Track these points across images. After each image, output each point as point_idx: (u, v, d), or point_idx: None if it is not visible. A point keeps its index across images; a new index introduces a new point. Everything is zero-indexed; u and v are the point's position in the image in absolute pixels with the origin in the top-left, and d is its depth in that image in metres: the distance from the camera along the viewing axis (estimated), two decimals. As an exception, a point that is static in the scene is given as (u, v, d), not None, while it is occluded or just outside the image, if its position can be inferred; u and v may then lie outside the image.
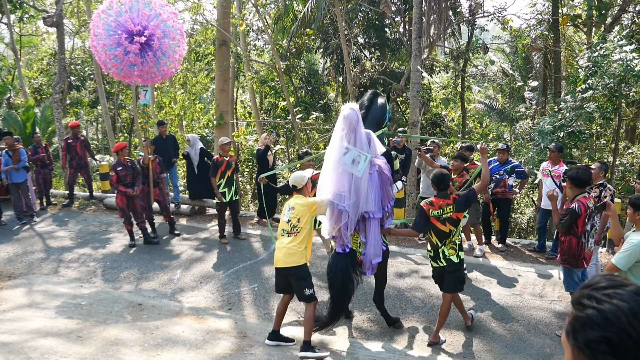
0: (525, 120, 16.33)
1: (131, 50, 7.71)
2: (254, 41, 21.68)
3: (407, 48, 15.84)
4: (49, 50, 26.51)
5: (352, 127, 5.58)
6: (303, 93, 18.83)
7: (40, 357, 5.06)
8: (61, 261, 8.87)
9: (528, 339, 6.16)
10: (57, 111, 15.23)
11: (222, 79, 14.04)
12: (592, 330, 1.18)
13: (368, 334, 6.37)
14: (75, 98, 25.34)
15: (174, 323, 6.39)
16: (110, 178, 9.31)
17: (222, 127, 13.88)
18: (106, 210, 12.19)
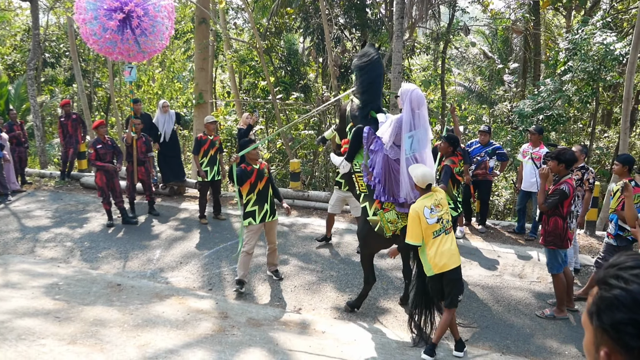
0: (504, 102, 16.43)
1: (109, 27, 7.51)
2: (233, 19, 21.36)
3: (389, 29, 15.77)
4: (23, 26, 25.76)
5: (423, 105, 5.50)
6: (283, 73, 18.64)
7: (17, 338, 4.97)
8: (37, 241, 8.72)
9: (508, 319, 6.24)
10: (31, 88, 14.86)
11: (201, 57, 13.80)
12: (619, 311, 1.15)
13: (350, 315, 6.39)
14: (50, 75, 24.74)
15: (153, 303, 6.33)
16: (89, 155, 9.15)
17: (201, 106, 13.68)
18: (83, 189, 11.99)
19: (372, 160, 5.71)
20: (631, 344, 1.12)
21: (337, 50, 15.22)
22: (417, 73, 19.80)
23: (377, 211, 5.72)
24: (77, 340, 5.06)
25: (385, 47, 17.66)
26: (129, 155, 9.68)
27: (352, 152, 5.97)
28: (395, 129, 5.50)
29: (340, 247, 8.56)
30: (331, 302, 6.70)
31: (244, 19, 21.31)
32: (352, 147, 5.95)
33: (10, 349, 4.73)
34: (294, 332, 5.67)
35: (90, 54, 23.73)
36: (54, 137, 22.49)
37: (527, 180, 8.77)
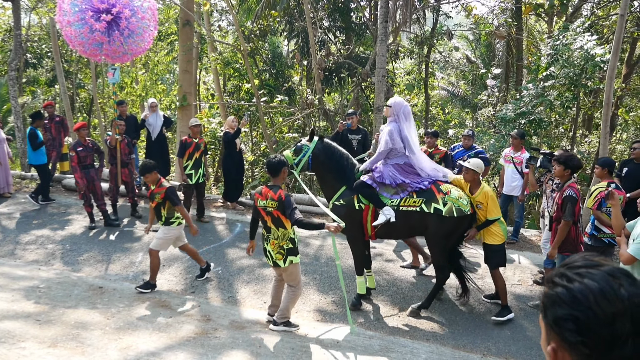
0: (487, 107, 16.60)
1: (97, 28, 7.46)
2: (218, 22, 21.32)
3: (373, 32, 15.85)
4: (4, 26, 25.46)
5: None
6: (267, 76, 18.64)
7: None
8: (18, 243, 8.62)
9: (489, 321, 6.31)
10: (12, 89, 14.69)
11: (186, 59, 13.78)
12: (560, 308, 1.20)
13: (333, 317, 6.42)
14: (32, 76, 24.47)
15: (135, 306, 6.30)
16: (71, 158, 9.07)
17: (185, 108, 13.65)
18: (65, 191, 11.88)
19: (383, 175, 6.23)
20: (570, 339, 1.17)
21: (322, 54, 15.26)
22: (401, 77, 19.92)
23: (445, 199, 6.10)
24: (58, 343, 5.02)
25: (369, 50, 17.75)
26: (112, 157, 9.60)
27: (376, 202, 6.20)
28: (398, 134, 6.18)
29: (323, 249, 8.58)
30: (314, 304, 6.72)
31: (229, 22, 21.29)
32: (373, 200, 6.19)
33: (-11, 352, 4.69)
34: (277, 335, 5.68)
35: (73, 55, 23.52)
36: (36, 139, 22.22)
37: (508, 185, 8.86)
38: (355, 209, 6.26)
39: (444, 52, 20.28)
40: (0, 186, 10.97)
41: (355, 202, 6.25)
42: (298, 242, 8.35)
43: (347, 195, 6.29)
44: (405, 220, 6.18)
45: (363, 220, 6.31)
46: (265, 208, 5.48)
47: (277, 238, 5.53)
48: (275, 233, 5.52)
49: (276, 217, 5.47)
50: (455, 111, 21.40)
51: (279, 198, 5.41)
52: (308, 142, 6.31)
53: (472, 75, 18.45)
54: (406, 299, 6.85)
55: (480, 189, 6.13)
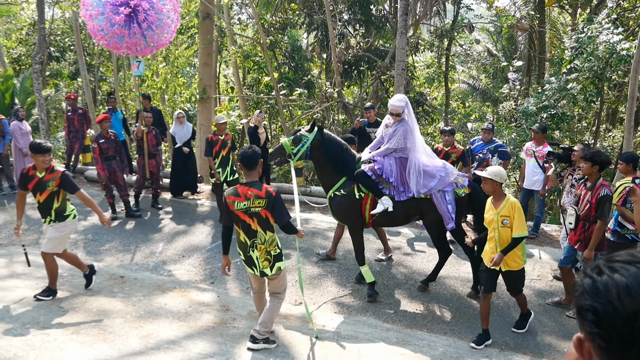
0: (508, 101, 16.43)
1: (116, 22, 7.53)
2: (237, 15, 21.38)
3: (393, 25, 15.77)
4: (28, 19, 25.85)
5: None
6: (286, 69, 18.67)
7: (22, 327, 5.04)
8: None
9: (508, 315, 6.29)
10: (36, 82, 14.91)
11: (206, 52, 13.86)
12: (583, 298, 1.20)
13: (350, 309, 6.45)
14: (55, 69, 24.82)
15: (156, 295, 6.39)
16: (93, 150, 9.20)
17: (205, 101, 13.75)
18: (87, 182, 12.06)
19: (383, 168, 6.32)
20: (589, 330, 1.17)
21: (341, 47, 15.23)
22: (420, 70, 19.77)
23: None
24: (80, 330, 5.12)
25: (389, 43, 17.67)
26: (139, 148, 9.69)
27: (375, 191, 6.30)
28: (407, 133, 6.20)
29: (341, 241, 8.60)
30: (331, 296, 6.75)
31: (248, 15, 21.33)
32: (372, 189, 6.30)
33: (15, 337, 4.80)
34: (295, 325, 5.72)
35: (95, 48, 23.79)
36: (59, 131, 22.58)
37: (529, 179, 8.78)
38: (356, 198, 6.36)
39: (465, 45, 20.10)
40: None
41: (356, 191, 6.36)
42: (316, 235, 8.42)
43: (347, 185, 6.38)
44: (402, 208, 6.35)
45: (362, 208, 6.42)
46: (247, 210, 4.71)
47: (265, 243, 4.83)
48: (262, 237, 4.81)
49: (264, 219, 4.77)
50: (475, 105, 21.20)
51: (268, 195, 4.73)
52: (307, 133, 6.29)
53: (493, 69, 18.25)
54: (424, 293, 6.84)
55: (506, 201, 5.26)
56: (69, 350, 4.64)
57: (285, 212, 4.84)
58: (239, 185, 4.78)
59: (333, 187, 6.44)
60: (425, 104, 17.28)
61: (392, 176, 6.29)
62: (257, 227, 4.78)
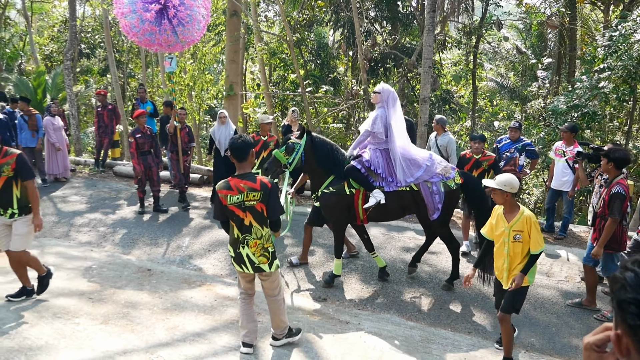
0: (537, 99, 16.20)
1: (146, 18, 7.62)
2: (264, 12, 21.47)
3: (420, 22, 15.68)
4: (60, 17, 26.37)
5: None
6: (312, 66, 18.71)
7: (54, 316, 5.16)
8: (72, 225, 8.98)
9: (534, 317, 6.22)
10: (68, 78, 15.23)
11: (233, 49, 13.94)
12: (625, 291, 1.20)
13: (374, 306, 6.45)
14: (85, 66, 25.28)
15: (182, 289, 6.48)
16: (129, 145, 9.35)
17: (231, 98, 13.83)
18: (116, 177, 12.27)
19: (371, 160, 6.39)
20: (631, 322, 1.17)
21: (368, 44, 15.19)
22: (447, 68, 19.63)
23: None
24: (109, 320, 5.23)
25: (415, 41, 17.56)
26: (172, 145, 9.77)
27: (367, 185, 6.35)
28: (382, 120, 6.30)
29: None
30: (355, 293, 6.76)
31: (275, 12, 21.41)
32: (364, 183, 6.36)
33: (47, 326, 4.92)
34: (318, 322, 5.75)
35: (124, 45, 24.16)
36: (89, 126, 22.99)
37: (559, 179, 8.65)
38: (346, 194, 6.40)
39: (493, 42, 19.87)
40: (59, 171, 11.39)
41: (346, 187, 6.40)
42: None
43: (336, 182, 6.41)
44: (394, 200, 6.40)
45: (355, 204, 6.46)
46: (241, 204, 4.42)
47: (261, 238, 4.56)
48: (258, 232, 4.53)
49: (260, 212, 4.50)
50: (503, 103, 20.95)
51: (264, 187, 4.46)
52: (298, 140, 6.24)
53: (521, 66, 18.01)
54: (449, 291, 6.81)
55: (520, 215, 4.70)
56: (98, 339, 4.74)
57: (278, 206, 4.59)
58: (231, 178, 4.49)
59: (322, 186, 6.48)
60: (452, 102, 17.15)
61: (380, 167, 6.35)
62: (251, 222, 4.49)
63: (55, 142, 11.03)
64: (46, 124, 10.98)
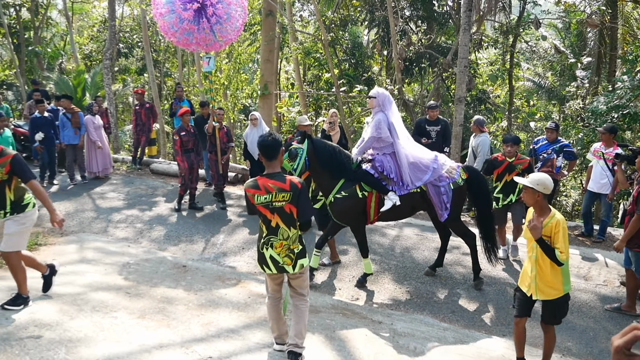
0: (575, 99, 15.85)
1: (185, 17, 7.72)
2: (299, 12, 21.56)
3: (456, 22, 15.51)
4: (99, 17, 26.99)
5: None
6: (347, 66, 18.70)
7: (92, 310, 5.29)
8: (110, 221, 9.19)
9: (571, 321, 6.10)
10: (107, 77, 15.58)
11: (268, 49, 14.04)
12: None
13: (407, 306, 6.42)
14: (123, 65, 25.81)
15: (216, 285, 6.56)
16: (174, 142, 9.52)
17: (266, 97, 13.93)
18: (152, 174, 12.50)
19: (383, 165, 6.42)
20: None
21: (402, 43, 15.11)
22: (483, 67, 19.36)
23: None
24: (146, 315, 5.33)
25: (451, 40, 17.38)
26: (211, 145, 9.87)
27: (381, 189, 6.41)
28: (386, 124, 6.32)
29: (399, 239, 8.57)
30: (389, 293, 6.75)
31: (310, 11, 21.48)
32: (377, 187, 6.40)
33: (85, 319, 5.05)
34: (351, 321, 5.75)
35: (161, 44, 24.57)
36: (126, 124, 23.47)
37: (597, 182, 8.47)
38: (359, 197, 6.40)
39: (531, 41, 19.50)
40: (98, 170, 11.65)
41: (358, 191, 6.40)
42: (373, 232, 8.41)
43: (348, 186, 6.38)
44: (409, 201, 6.48)
45: (367, 207, 6.47)
46: (269, 204, 4.26)
47: (288, 239, 4.36)
48: (284, 234, 4.35)
49: (288, 214, 4.31)
50: (541, 103, 20.56)
51: (293, 187, 4.25)
52: (300, 145, 6.16)
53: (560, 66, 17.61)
54: (483, 293, 6.74)
55: (550, 218, 4.38)
56: (135, 333, 4.85)
57: (309, 207, 4.41)
58: (260, 177, 4.32)
59: (333, 190, 6.44)
60: (487, 102, 16.92)
61: (393, 171, 6.39)
62: (278, 223, 4.30)
63: (96, 140, 11.29)
64: (87, 123, 11.25)
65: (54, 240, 8.14)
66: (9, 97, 25.11)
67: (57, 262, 5.92)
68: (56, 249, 7.69)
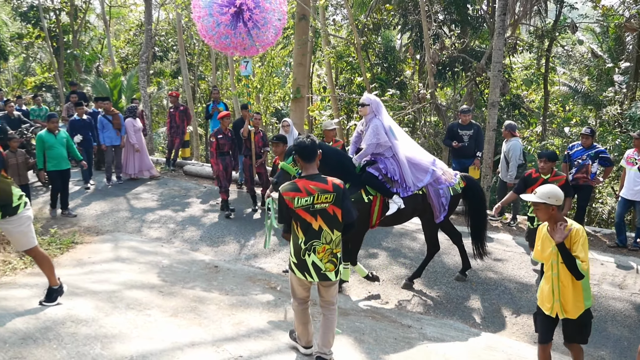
0: (613, 105, 15.50)
1: (222, 22, 7.82)
2: (332, 16, 21.64)
3: (490, 25, 15.35)
4: (136, 21, 27.57)
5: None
6: (379, 70, 18.68)
7: (126, 307, 5.41)
8: (144, 221, 9.38)
9: (605, 330, 5.99)
10: (142, 80, 15.90)
11: (301, 52, 14.14)
12: None
13: (437, 311, 6.40)
14: (158, 68, 26.28)
15: (247, 286, 6.64)
16: (210, 144, 9.65)
17: (298, 100, 14.02)
18: (186, 176, 12.70)
19: (387, 167, 6.45)
20: None
21: (436, 47, 15.03)
22: (518, 71, 19.10)
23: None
24: (178, 313, 5.43)
25: (485, 44, 17.20)
26: (246, 149, 9.89)
27: (385, 192, 6.42)
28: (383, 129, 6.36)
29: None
30: (418, 297, 6.73)
31: (343, 15, 21.54)
32: (382, 190, 6.41)
33: (120, 316, 5.17)
34: (380, 324, 5.76)
35: (196, 48, 24.95)
36: (160, 127, 23.89)
37: (631, 189, 8.30)
38: (365, 202, 6.40)
39: (567, 45, 19.17)
40: (134, 172, 11.87)
41: (364, 195, 6.42)
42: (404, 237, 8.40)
43: (353, 191, 6.33)
44: (411, 204, 6.52)
45: (371, 211, 6.48)
46: (310, 207, 4.13)
47: (331, 243, 4.22)
48: (327, 237, 4.20)
49: (332, 216, 4.18)
50: (576, 108, 20.17)
51: (336, 187, 4.17)
52: None
53: (597, 71, 17.26)
54: (514, 299, 6.67)
55: (568, 227, 4.13)
56: (168, 331, 4.94)
57: (352, 207, 4.32)
58: (298, 179, 4.23)
59: None
60: (522, 107, 16.69)
61: (397, 174, 6.44)
62: (321, 226, 4.16)
63: (135, 143, 11.52)
64: (127, 125, 11.48)
65: (90, 239, 8.36)
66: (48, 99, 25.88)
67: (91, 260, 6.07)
68: (92, 247, 7.89)
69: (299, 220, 4.18)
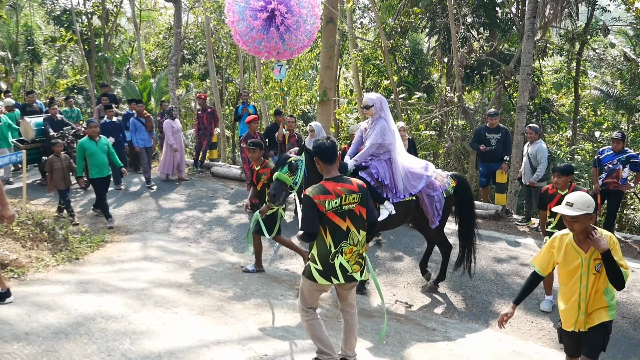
0: (646, 109, 15.21)
1: (254, 26, 7.90)
2: (360, 19, 21.66)
3: (519, 28, 15.20)
4: (165, 24, 27.99)
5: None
6: (406, 73, 18.64)
7: (154, 304, 5.52)
8: (172, 222, 9.53)
9: (634, 337, 5.89)
10: (171, 82, 16.15)
11: (328, 55, 14.20)
12: None
13: (462, 314, 6.36)
14: (187, 71, 26.63)
15: (272, 287, 6.70)
16: (241, 149, 9.73)
17: (325, 103, 14.07)
18: (213, 177, 12.85)
19: (378, 172, 6.37)
20: None
21: (464, 51, 14.94)
22: (548, 75, 18.86)
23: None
24: (205, 312, 5.52)
25: (514, 47, 17.03)
26: (281, 152, 9.99)
27: (377, 197, 6.31)
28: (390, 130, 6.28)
29: (456, 247, 8.46)
30: (443, 301, 6.70)
31: (370, 19, 21.53)
32: (374, 195, 6.24)
33: (148, 313, 5.28)
34: (404, 327, 5.76)
35: (224, 51, 25.22)
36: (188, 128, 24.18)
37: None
38: None
39: (599, 49, 18.85)
40: (171, 172, 12.05)
41: None
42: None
43: None
44: (402, 210, 6.44)
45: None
46: (338, 209, 4.11)
47: (357, 244, 4.22)
48: (355, 238, 4.20)
49: (358, 216, 4.20)
50: (608, 113, 19.81)
51: (361, 187, 4.21)
52: (299, 157, 5.75)
53: (630, 74, 16.93)
54: (540, 304, 6.58)
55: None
56: (194, 329, 5.03)
57: (374, 207, 4.36)
58: (325, 182, 4.18)
59: None
60: (551, 111, 16.48)
61: (387, 178, 6.35)
62: (349, 227, 4.15)
63: (173, 143, 11.70)
64: (166, 127, 11.68)
65: (119, 238, 8.53)
66: (79, 100, 26.43)
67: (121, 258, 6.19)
68: (121, 246, 8.05)
69: (328, 223, 4.12)
